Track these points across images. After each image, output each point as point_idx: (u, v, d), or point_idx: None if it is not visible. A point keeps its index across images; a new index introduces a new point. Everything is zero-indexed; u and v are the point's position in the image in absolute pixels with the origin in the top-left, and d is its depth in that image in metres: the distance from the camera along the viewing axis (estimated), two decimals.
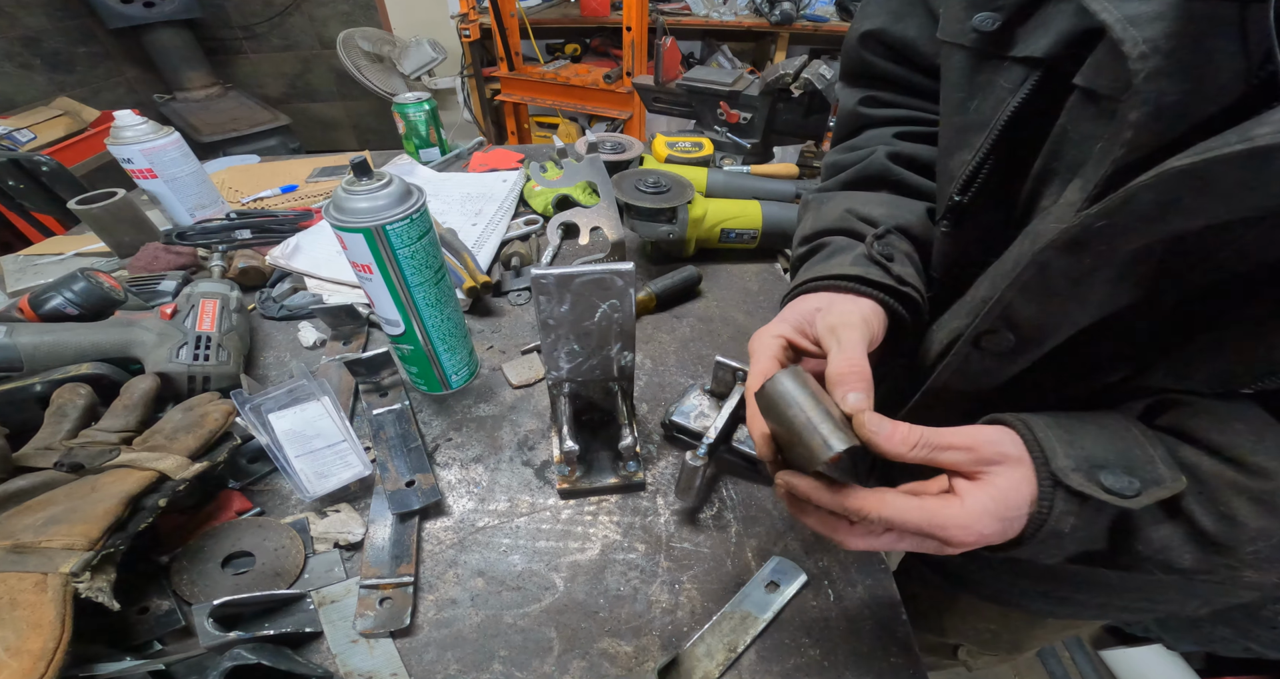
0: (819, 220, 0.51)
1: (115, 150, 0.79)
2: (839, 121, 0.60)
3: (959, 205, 0.43)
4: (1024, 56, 0.36)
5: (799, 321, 0.43)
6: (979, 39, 0.38)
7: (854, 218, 0.49)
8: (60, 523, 0.44)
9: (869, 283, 0.43)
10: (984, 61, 0.39)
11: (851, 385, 0.35)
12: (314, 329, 0.72)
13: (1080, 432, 0.33)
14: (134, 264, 0.76)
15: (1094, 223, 0.30)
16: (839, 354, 0.37)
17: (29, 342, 0.55)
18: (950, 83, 0.42)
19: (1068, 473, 0.31)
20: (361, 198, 0.47)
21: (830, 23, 2.57)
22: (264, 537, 0.51)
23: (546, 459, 0.60)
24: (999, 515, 0.32)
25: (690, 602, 0.49)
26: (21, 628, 0.39)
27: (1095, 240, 0.30)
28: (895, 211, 0.49)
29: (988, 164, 0.40)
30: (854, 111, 0.57)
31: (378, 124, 3.25)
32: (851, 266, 0.44)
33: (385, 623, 0.47)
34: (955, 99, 0.42)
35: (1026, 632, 0.71)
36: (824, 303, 0.43)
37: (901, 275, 0.44)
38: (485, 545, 0.53)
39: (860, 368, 0.36)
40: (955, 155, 0.43)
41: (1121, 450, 0.32)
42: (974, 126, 0.41)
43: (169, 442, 0.50)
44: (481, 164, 1.10)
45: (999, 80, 0.38)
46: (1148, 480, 0.30)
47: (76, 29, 2.41)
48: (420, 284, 0.53)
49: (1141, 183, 0.27)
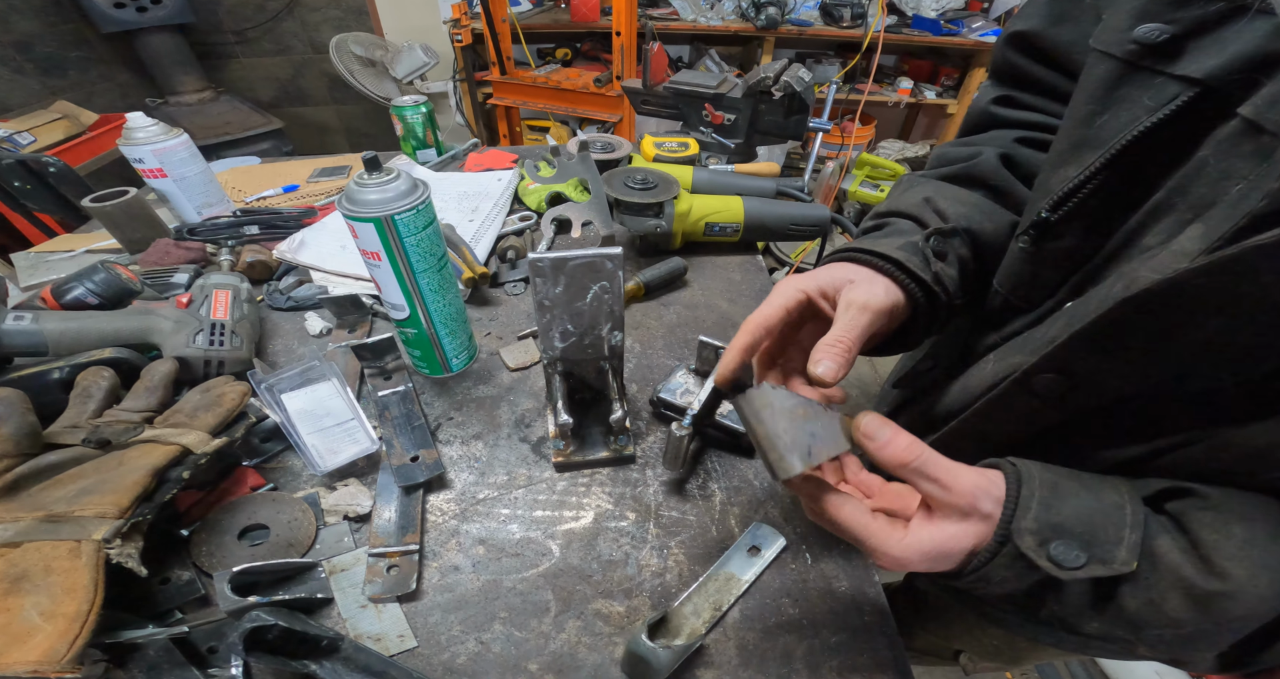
0: (896, 202, 0.51)
1: (127, 150, 0.82)
2: (968, 116, 0.59)
3: (1045, 222, 0.40)
4: (1182, 75, 0.32)
5: (829, 283, 0.42)
6: (1136, 51, 0.35)
7: (929, 208, 0.48)
8: (91, 494, 0.46)
9: (905, 270, 0.43)
10: (1132, 75, 0.36)
11: (830, 357, 0.37)
12: (320, 318, 0.75)
13: (1068, 496, 0.32)
14: (145, 259, 0.79)
15: (1193, 280, 0.26)
16: (841, 328, 0.38)
17: (54, 328, 0.59)
18: (1085, 93, 0.39)
19: (1023, 534, 0.31)
20: (372, 190, 0.51)
21: (815, 27, 2.63)
22: (277, 510, 0.54)
23: (542, 435, 0.63)
24: (931, 557, 0.33)
25: (678, 565, 0.53)
26: (56, 593, 0.41)
27: (1188, 300, 0.27)
28: (974, 214, 0.47)
29: (1092, 184, 0.37)
30: (985, 110, 0.55)
31: (370, 128, 3.26)
32: (897, 250, 0.43)
33: (392, 589, 0.49)
34: (1084, 111, 0.39)
35: (1030, 650, 0.72)
36: (860, 277, 0.43)
37: (940, 274, 0.43)
38: (486, 515, 0.56)
39: (850, 348, 0.37)
40: (1060, 170, 0.40)
41: (1095, 525, 0.31)
42: (1093, 143, 0.37)
43: (190, 419, 0.54)
44: (477, 164, 1.14)
45: (1141, 97, 0.35)
46: (1096, 558, 0.30)
47: (69, 33, 2.42)
48: (425, 270, 0.56)
49: (1257, 243, 0.24)
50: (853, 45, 2.68)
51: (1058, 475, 0.34)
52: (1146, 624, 0.30)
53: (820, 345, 0.38)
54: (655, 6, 2.79)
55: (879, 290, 0.41)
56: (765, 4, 2.50)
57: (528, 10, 2.80)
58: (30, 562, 0.43)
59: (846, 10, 2.58)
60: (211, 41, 2.83)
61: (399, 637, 0.47)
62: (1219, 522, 0.30)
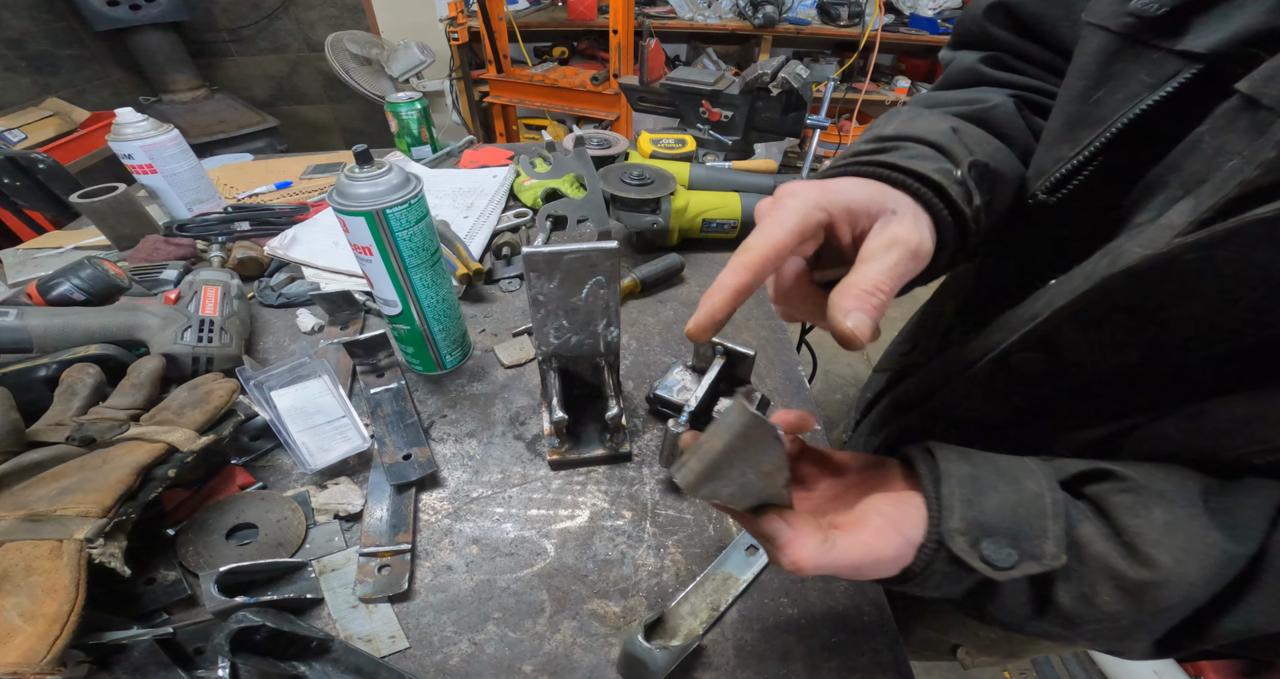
0: (908, 127, 0.39)
1: (116, 146, 0.81)
2: (945, 75, 0.53)
3: (1043, 205, 0.38)
4: (1183, 50, 0.31)
5: (863, 206, 0.31)
6: (1134, 24, 0.33)
7: (959, 141, 0.38)
8: (74, 492, 0.46)
9: (946, 200, 0.34)
10: (1128, 50, 0.34)
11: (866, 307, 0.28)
12: (312, 315, 0.74)
13: (988, 490, 0.31)
14: (134, 255, 0.78)
15: (1184, 254, 0.26)
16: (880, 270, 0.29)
17: (39, 324, 0.57)
18: (1078, 69, 0.37)
19: (954, 536, 0.30)
20: (364, 184, 0.50)
21: (812, 25, 2.63)
22: (266, 509, 0.54)
23: (537, 433, 0.63)
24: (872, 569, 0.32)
25: (675, 565, 0.52)
26: (37, 593, 0.40)
27: (1178, 274, 0.27)
28: (999, 156, 0.40)
29: (1091, 166, 0.36)
30: (971, 68, 0.49)
31: (365, 126, 3.25)
32: (935, 173, 0.34)
33: (384, 589, 0.49)
34: (1077, 88, 0.37)
35: (1025, 644, 0.73)
36: (902, 206, 0.32)
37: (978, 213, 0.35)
38: (479, 514, 0.55)
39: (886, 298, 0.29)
40: (1053, 150, 0.38)
41: (1019, 519, 0.30)
42: (1089, 121, 0.36)
43: (177, 417, 0.53)
44: (472, 161, 1.13)
45: (1138, 73, 0.33)
46: (1026, 554, 0.29)
47: (62, 31, 2.40)
48: (417, 266, 0.55)
49: (1257, 216, 0.23)
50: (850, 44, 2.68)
51: (975, 465, 0.32)
52: (1082, 620, 0.30)
53: (850, 288, 0.28)
54: (652, 5, 2.79)
55: (927, 231, 0.32)
56: (762, 2, 2.50)
57: (524, 8, 2.80)
58: (10, 561, 0.42)
59: (844, 9, 2.58)
60: (206, 39, 2.82)
61: (391, 637, 0.47)
62: (1139, 505, 0.29)
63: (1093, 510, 0.31)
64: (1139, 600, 0.28)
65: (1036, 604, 0.31)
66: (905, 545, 0.31)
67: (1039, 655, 0.99)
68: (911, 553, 0.31)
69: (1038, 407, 0.38)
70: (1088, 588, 0.29)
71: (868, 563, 0.31)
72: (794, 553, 0.30)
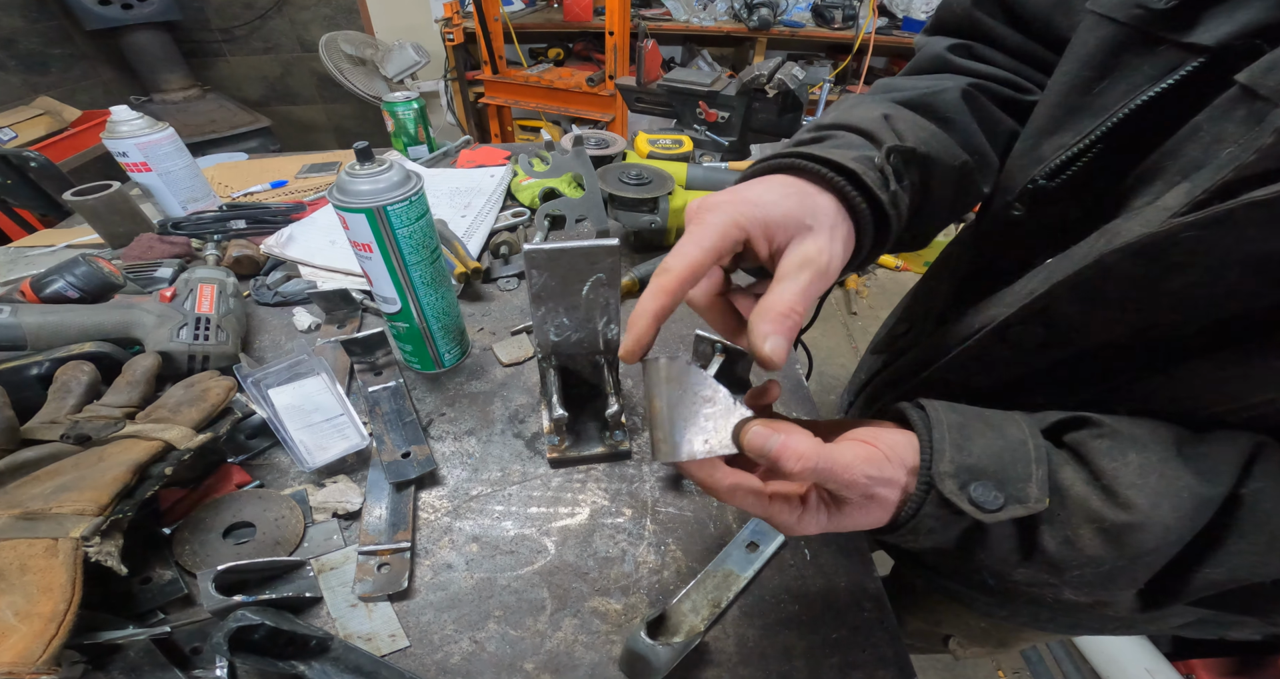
0: (844, 116, 0.41)
1: (111, 144, 0.80)
2: (913, 61, 0.53)
3: (1043, 190, 0.39)
4: (1190, 42, 0.32)
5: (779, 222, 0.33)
6: (1142, 17, 0.34)
7: (887, 127, 0.40)
8: (70, 490, 0.45)
9: (860, 186, 0.35)
10: (1135, 42, 0.35)
11: (781, 330, 0.30)
12: (309, 314, 0.74)
13: (976, 437, 0.32)
14: (128, 253, 0.77)
15: (1182, 232, 0.27)
16: (793, 291, 0.31)
17: (33, 321, 0.57)
18: (1079, 58, 0.38)
19: (944, 478, 0.31)
20: (364, 181, 0.50)
21: (806, 28, 2.64)
22: (264, 507, 0.53)
23: (537, 431, 0.63)
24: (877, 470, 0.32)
25: (675, 562, 0.52)
26: (32, 592, 0.40)
27: (1176, 251, 0.28)
28: (933, 142, 0.41)
29: (1092, 152, 0.37)
30: (938, 55, 0.50)
31: (359, 127, 3.24)
32: (852, 161, 0.35)
33: (383, 587, 0.48)
34: (1080, 78, 0.38)
35: (1013, 633, 0.73)
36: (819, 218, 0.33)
37: (897, 197, 0.36)
38: (479, 512, 0.55)
39: (800, 319, 0.31)
40: (1054, 137, 0.39)
41: (1004, 463, 0.31)
42: (1091, 110, 0.37)
43: (173, 415, 0.52)
44: (469, 161, 1.13)
45: (1143, 65, 0.34)
46: (1012, 498, 0.30)
47: (53, 30, 2.39)
48: (417, 263, 0.55)
49: (1253, 199, 0.24)
50: (844, 47, 2.69)
51: (963, 415, 0.33)
52: (1067, 565, 0.30)
53: (769, 312, 0.31)
54: (648, 7, 2.79)
55: (839, 249, 0.33)
56: (757, 5, 2.51)
57: (520, 9, 2.80)
58: (5, 560, 0.42)
59: (838, 12, 2.60)
60: (198, 39, 2.81)
61: (390, 636, 0.46)
62: (1115, 449, 0.31)
63: (1072, 456, 0.32)
64: (1119, 543, 0.29)
65: (1023, 549, 0.31)
66: (900, 466, 0.32)
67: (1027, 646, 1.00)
68: (903, 475, 0.32)
69: (1030, 376, 0.39)
70: (1070, 531, 0.30)
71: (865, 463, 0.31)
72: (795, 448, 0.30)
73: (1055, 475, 0.31)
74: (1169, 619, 0.48)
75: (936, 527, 0.32)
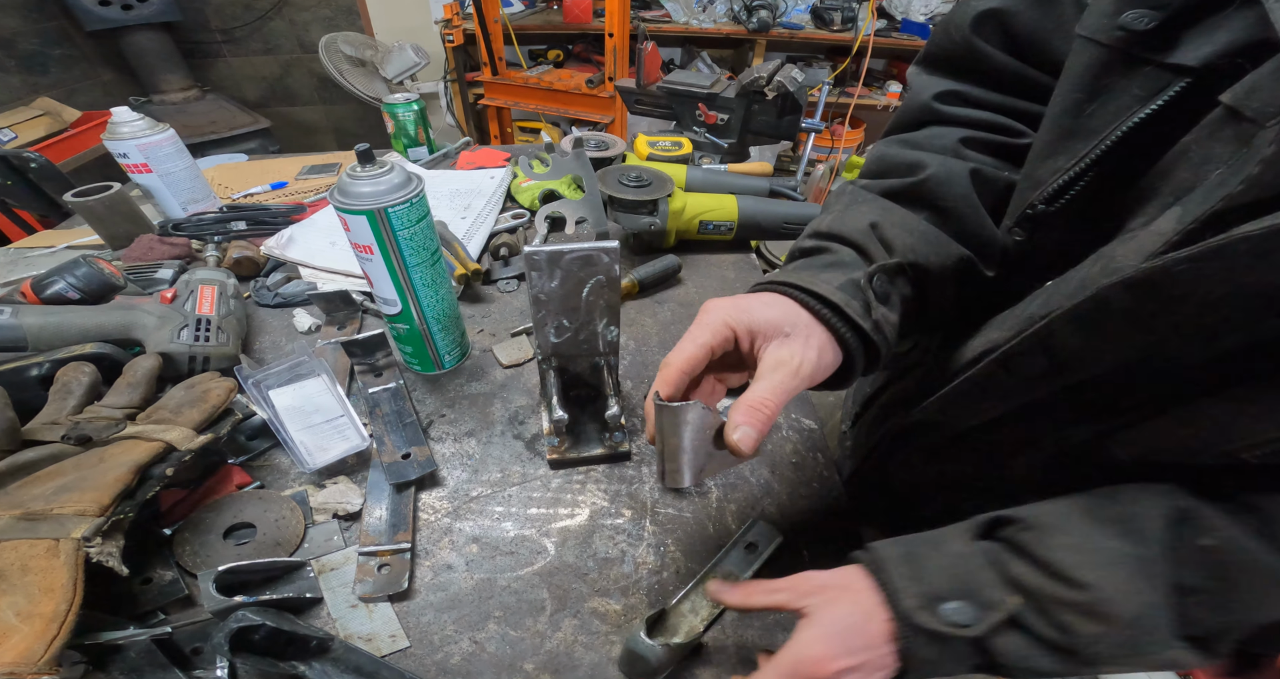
0: (839, 223, 0.45)
1: (112, 145, 0.80)
2: (902, 108, 0.53)
3: (1042, 214, 0.40)
4: (1173, 63, 0.32)
5: (762, 327, 0.38)
6: (1124, 38, 0.34)
7: (874, 238, 0.43)
8: (71, 491, 0.45)
9: (843, 317, 0.39)
10: (1120, 63, 0.35)
11: (752, 422, 0.35)
12: (309, 315, 0.74)
13: (924, 562, 0.35)
14: (129, 254, 0.77)
15: (1176, 267, 0.27)
16: (765, 388, 0.36)
17: (34, 322, 0.57)
18: (1071, 81, 0.38)
19: (915, 612, 0.33)
20: (365, 183, 0.50)
21: (805, 30, 2.65)
22: (264, 508, 0.53)
23: (536, 432, 0.63)
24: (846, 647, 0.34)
25: (675, 563, 0.52)
26: (33, 592, 0.40)
27: (1171, 285, 0.28)
28: (921, 246, 0.43)
29: (1088, 176, 0.37)
30: (926, 105, 0.50)
31: (358, 128, 3.24)
32: (837, 292, 0.39)
33: (384, 588, 0.49)
34: (1071, 100, 0.38)
35: None
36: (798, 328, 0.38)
37: (880, 322, 0.40)
38: (479, 513, 0.55)
39: (773, 414, 0.36)
40: (1049, 161, 0.39)
41: (960, 578, 0.33)
42: (1083, 133, 0.37)
43: (174, 415, 0.52)
44: (469, 162, 1.13)
45: (1130, 86, 0.35)
46: (984, 605, 0.32)
47: (52, 30, 2.38)
48: (418, 265, 0.55)
49: (1245, 233, 0.24)
50: (843, 48, 2.70)
51: (905, 546, 0.36)
52: (1080, 646, 0.31)
53: (742, 405, 0.36)
54: (647, 9, 2.80)
55: (813, 355, 0.37)
56: (757, 7, 2.51)
57: (520, 11, 2.80)
58: (6, 561, 0.42)
59: (837, 14, 2.60)
60: (198, 40, 2.80)
61: (391, 637, 0.47)
62: (1042, 538, 0.33)
63: (1012, 551, 0.34)
64: (1105, 618, 0.30)
65: (1034, 643, 0.32)
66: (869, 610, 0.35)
67: None
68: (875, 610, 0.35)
69: (1034, 405, 0.39)
70: (1055, 618, 0.31)
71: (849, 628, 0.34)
72: None
73: (1008, 572, 0.33)
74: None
75: (941, 656, 0.33)
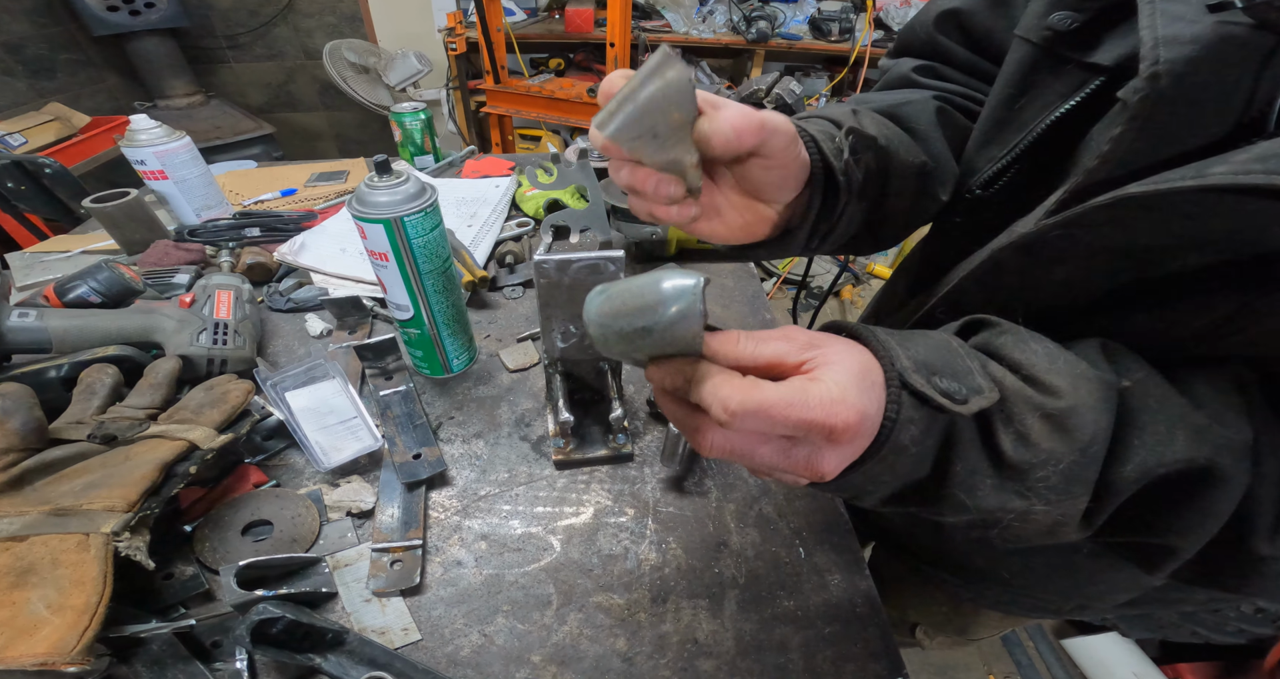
0: (822, 111, 0.46)
1: (129, 151, 0.83)
2: (883, 83, 0.57)
3: (978, 199, 0.44)
4: (1090, 62, 0.36)
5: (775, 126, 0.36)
6: (1051, 38, 0.38)
7: (853, 117, 0.43)
8: (100, 487, 0.47)
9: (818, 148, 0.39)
10: (1046, 61, 0.39)
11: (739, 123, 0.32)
12: (321, 320, 0.76)
13: (910, 341, 0.32)
14: (144, 260, 0.79)
15: (1049, 232, 0.32)
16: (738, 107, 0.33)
17: (58, 325, 0.59)
18: (1005, 77, 0.42)
19: (910, 373, 0.29)
20: (383, 192, 0.52)
21: (803, 41, 2.68)
22: (281, 506, 0.55)
23: (542, 434, 0.65)
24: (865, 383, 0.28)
25: (676, 559, 0.54)
26: (64, 585, 0.42)
27: (1048, 247, 0.33)
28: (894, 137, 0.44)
29: (1017, 165, 0.41)
30: (905, 75, 0.54)
31: (360, 134, 3.26)
32: (816, 129, 0.40)
33: (396, 583, 0.50)
34: (1005, 94, 0.42)
35: (973, 617, 0.75)
36: None
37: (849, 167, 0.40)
38: (487, 511, 0.57)
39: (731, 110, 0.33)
40: (985, 150, 0.43)
41: (947, 360, 0.31)
42: (1014, 124, 0.41)
43: (195, 416, 0.54)
44: (474, 171, 1.15)
45: (1054, 83, 0.38)
46: (971, 389, 0.30)
47: (60, 35, 2.41)
48: (430, 272, 0.58)
49: (1098, 203, 0.29)
50: (840, 59, 2.73)
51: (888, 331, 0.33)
52: (1030, 467, 0.29)
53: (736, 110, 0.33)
54: (648, 19, 2.83)
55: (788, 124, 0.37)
56: (756, 18, 2.54)
57: (522, 20, 2.83)
58: (37, 555, 0.43)
59: (835, 25, 2.64)
60: (203, 46, 2.83)
61: (403, 630, 0.48)
62: (1018, 342, 0.32)
63: (987, 354, 0.33)
64: (1065, 431, 0.29)
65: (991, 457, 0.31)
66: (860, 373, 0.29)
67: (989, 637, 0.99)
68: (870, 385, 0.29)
69: None
70: (1020, 425, 0.30)
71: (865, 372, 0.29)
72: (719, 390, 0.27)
73: (987, 368, 0.31)
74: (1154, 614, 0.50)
75: (919, 436, 0.30)
